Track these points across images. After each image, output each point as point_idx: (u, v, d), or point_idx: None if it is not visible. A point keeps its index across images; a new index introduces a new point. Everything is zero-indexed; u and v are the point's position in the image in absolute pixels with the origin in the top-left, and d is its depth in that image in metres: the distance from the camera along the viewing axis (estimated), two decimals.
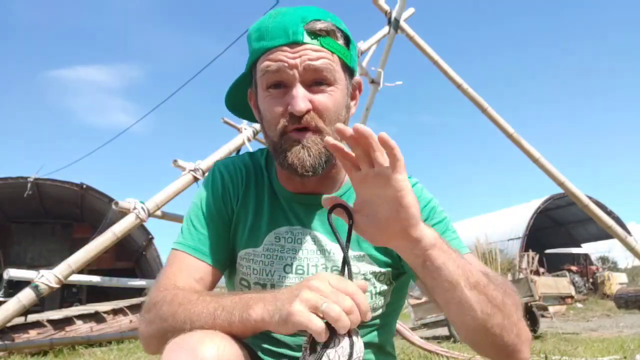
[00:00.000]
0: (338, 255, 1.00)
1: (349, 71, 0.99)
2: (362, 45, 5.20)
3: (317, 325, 0.68)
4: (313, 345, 0.70)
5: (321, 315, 0.69)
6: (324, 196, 0.84)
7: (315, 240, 1.02)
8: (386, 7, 5.28)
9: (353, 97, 1.04)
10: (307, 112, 0.91)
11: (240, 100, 1.09)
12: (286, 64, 0.90)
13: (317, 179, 0.99)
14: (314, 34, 0.91)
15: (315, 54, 0.91)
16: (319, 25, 0.92)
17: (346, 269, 0.77)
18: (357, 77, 1.04)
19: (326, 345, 0.69)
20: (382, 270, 1.01)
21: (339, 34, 0.95)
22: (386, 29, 5.31)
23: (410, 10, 5.46)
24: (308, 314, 0.68)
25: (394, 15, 5.21)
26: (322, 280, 0.72)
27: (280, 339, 0.99)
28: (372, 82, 5.78)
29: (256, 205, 1.04)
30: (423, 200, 1.03)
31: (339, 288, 0.71)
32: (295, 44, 0.90)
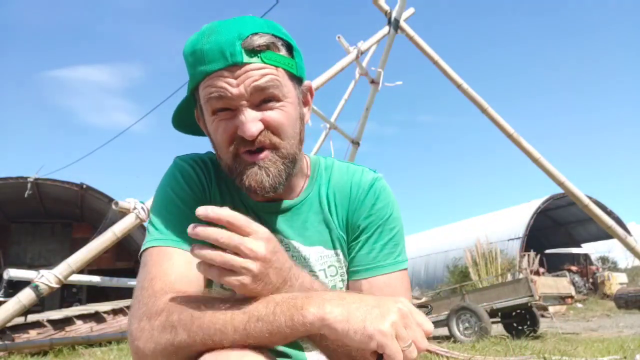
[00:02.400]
0: (313, 260, 1.01)
1: (297, 80, 0.95)
2: (362, 45, 5.20)
3: (400, 358, 0.66)
4: None
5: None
6: None
7: (290, 247, 1.01)
8: (386, 7, 5.29)
9: (306, 103, 1.00)
10: (259, 133, 0.87)
11: (187, 118, 1.04)
12: (229, 92, 0.85)
13: None
14: (253, 52, 0.85)
15: (258, 72, 0.85)
16: (257, 41, 0.85)
17: None
18: (307, 81, 1.00)
19: None
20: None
21: (279, 44, 0.90)
22: (386, 29, 5.32)
23: (410, 10, 5.46)
24: (397, 345, 0.66)
25: (394, 15, 5.21)
26: (408, 307, 0.71)
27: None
28: (372, 82, 5.78)
29: (231, 203, 1.00)
30: (380, 202, 1.02)
31: (420, 325, 0.70)
32: (234, 66, 0.85)
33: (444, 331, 8.76)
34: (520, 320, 8.25)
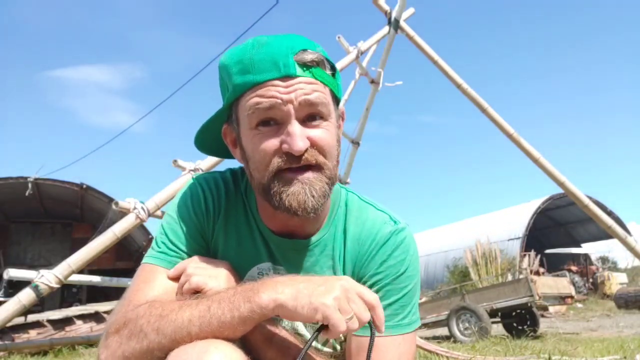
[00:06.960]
0: None
1: (337, 101, 0.94)
2: (362, 45, 5.19)
3: (343, 329, 0.72)
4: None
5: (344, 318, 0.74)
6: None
7: None
8: (386, 7, 5.28)
9: (338, 127, 0.98)
10: (306, 150, 0.84)
11: (209, 136, 1.00)
12: (280, 100, 0.82)
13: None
14: (305, 66, 0.85)
15: (309, 87, 0.84)
16: (310, 56, 0.85)
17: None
18: (341, 106, 0.99)
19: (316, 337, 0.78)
20: None
21: (326, 64, 0.89)
22: (386, 29, 5.31)
23: (410, 10, 5.45)
24: (340, 315, 0.72)
25: (394, 15, 5.21)
26: (350, 284, 0.77)
27: None
28: (372, 82, 5.78)
29: (237, 233, 0.99)
30: (392, 259, 0.96)
31: (364, 299, 0.76)
32: (287, 77, 0.83)
33: (444, 331, 8.76)
34: (520, 320, 8.25)
